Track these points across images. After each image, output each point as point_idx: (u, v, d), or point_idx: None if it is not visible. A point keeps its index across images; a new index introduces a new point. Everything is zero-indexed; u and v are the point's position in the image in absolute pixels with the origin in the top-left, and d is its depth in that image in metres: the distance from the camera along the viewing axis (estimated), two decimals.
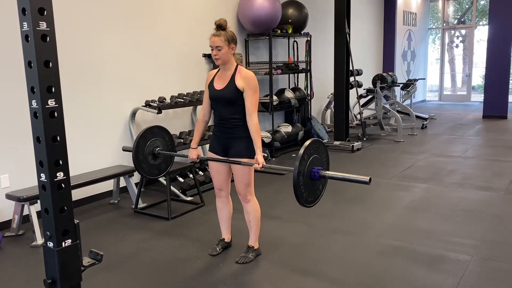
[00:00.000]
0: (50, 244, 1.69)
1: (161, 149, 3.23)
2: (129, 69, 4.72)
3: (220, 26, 2.79)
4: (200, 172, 4.84)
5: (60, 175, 1.66)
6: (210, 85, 2.91)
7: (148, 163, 3.20)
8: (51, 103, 1.62)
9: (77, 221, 1.76)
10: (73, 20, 4.18)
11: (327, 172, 2.52)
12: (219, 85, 2.85)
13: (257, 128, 2.78)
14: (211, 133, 3.34)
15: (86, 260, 1.81)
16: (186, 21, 5.39)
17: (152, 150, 3.19)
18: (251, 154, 2.82)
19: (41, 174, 1.65)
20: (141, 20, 4.83)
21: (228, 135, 2.86)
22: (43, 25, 1.56)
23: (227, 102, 2.82)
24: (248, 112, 2.78)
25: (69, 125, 4.04)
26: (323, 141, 2.56)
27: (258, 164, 2.72)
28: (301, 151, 2.40)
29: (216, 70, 2.94)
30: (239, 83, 2.77)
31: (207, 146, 5.45)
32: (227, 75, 2.83)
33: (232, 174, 3.00)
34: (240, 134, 2.84)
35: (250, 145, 2.83)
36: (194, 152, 3.07)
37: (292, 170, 2.38)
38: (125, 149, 3.92)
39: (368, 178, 2.37)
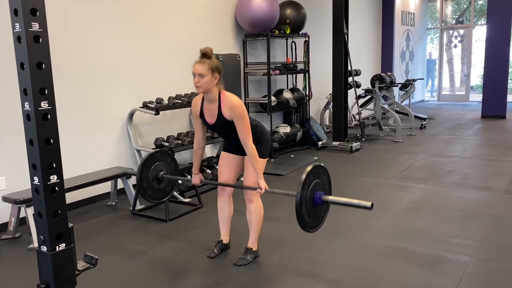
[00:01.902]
0: (44, 248, 1.67)
1: (165, 173, 3.27)
2: (127, 70, 4.70)
3: (205, 55, 2.71)
4: None
5: (54, 178, 1.64)
6: (201, 116, 2.89)
7: (153, 188, 3.26)
8: (44, 105, 1.60)
9: (71, 224, 1.74)
10: (70, 19, 4.16)
11: (329, 197, 2.55)
12: (210, 119, 2.84)
13: (254, 154, 2.78)
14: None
15: (80, 264, 1.79)
16: (184, 21, 5.37)
17: (156, 175, 3.25)
18: (263, 155, 2.92)
19: (34, 177, 1.63)
20: (139, 21, 4.80)
21: (241, 146, 2.86)
22: (35, 26, 1.54)
23: (226, 131, 2.85)
24: (241, 140, 2.77)
25: (66, 127, 4.04)
26: (324, 166, 2.60)
27: (261, 189, 2.77)
28: (303, 176, 2.42)
29: (200, 98, 2.88)
30: (226, 114, 2.75)
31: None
32: (213, 107, 2.79)
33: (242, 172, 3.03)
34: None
35: (263, 146, 2.92)
36: (197, 178, 3.11)
37: (295, 194, 2.40)
38: (128, 174, 3.94)
39: (370, 203, 2.41)
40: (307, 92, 7.08)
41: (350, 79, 7.40)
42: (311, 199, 2.47)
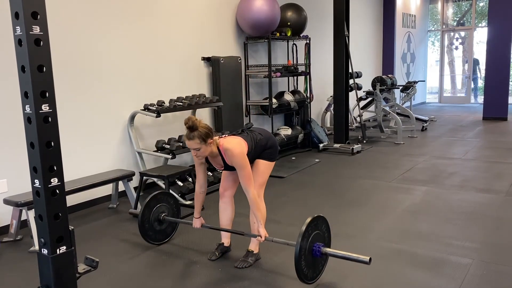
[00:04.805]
0: (45, 251, 1.67)
1: (166, 214, 3.33)
2: (128, 72, 4.71)
3: (191, 128, 2.71)
4: None
5: (55, 181, 1.65)
6: (207, 161, 2.97)
7: (154, 229, 3.32)
8: (45, 108, 1.60)
9: (72, 227, 1.74)
10: (72, 23, 4.17)
11: (328, 249, 2.64)
12: (218, 166, 2.96)
13: (255, 202, 2.81)
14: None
15: (81, 267, 1.79)
16: (185, 24, 5.38)
17: (158, 216, 3.30)
18: (271, 158, 3.00)
19: (35, 180, 1.64)
20: (140, 23, 4.82)
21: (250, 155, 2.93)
22: (36, 30, 1.55)
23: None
24: (243, 187, 2.83)
25: (67, 129, 4.05)
26: (324, 217, 2.68)
27: (261, 237, 2.81)
28: (303, 228, 2.51)
29: None
30: (230, 162, 2.83)
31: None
32: (218, 159, 2.90)
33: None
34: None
35: (271, 150, 3.00)
36: (197, 222, 3.15)
37: (294, 245, 2.47)
38: (131, 213, 3.96)
39: (368, 258, 2.48)
40: (308, 94, 7.08)
41: (351, 81, 7.40)
42: (311, 250, 2.56)
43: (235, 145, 2.79)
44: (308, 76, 7.08)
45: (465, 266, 2.92)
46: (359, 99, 7.79)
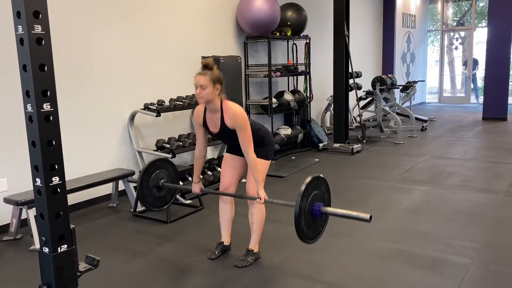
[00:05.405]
0: (46, 250, 1.68)
1: (165, 181, 3.29)
2: (128, 72, 4.71)
3: (207, 66, 2.72)
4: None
5: (56, 180, 1.65)
6: (205, 125, 2.92)
7: (153, 195, 3.27)
8: (46, 107, 1.61)
9: (73, 226, 1.74)
10: (71, 22, 4.17)
11: (328, 208, 2.58)
12: (213, 128, 2.88)
13: (255, 163, 2.79)
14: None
15: (82, 266, 1.79)
16: (185, 23, 5.39)
17: (157, 183, 3.26)
18: (268, 157, 2.98)
19: (37, 179, 1.64)
20: (140, 23, 4.82)
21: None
22: (38, 29, 1.55)
23: (230, 139, 2.87)
24: (243, 149, 2.80)
25: (67, 128, 4.05)
26: (324, 177, 2.63)
27: (260, 199, 2.79)
28: (302, 187, 2.45)
29: (202, 107, 2.90)
30: (229, 124, 2.78)
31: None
32: (216, 117, 2.82)
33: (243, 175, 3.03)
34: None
35: (268, 148, 2.98)
36: (197, 186, 3.14)
37: (294, 205, 2.42)
38: (130, 181, 3.96)
39: (369, 215, 2.41)
40: (308, 94, 7.09)
41: (351, 81, 7.41)
42: (310, 210, 2.50)
43: (238, 106, 2.80)
44: (308, 75, 7.08)
45: (465, 265, 2.93)
46: (359, 99, 7.79)
